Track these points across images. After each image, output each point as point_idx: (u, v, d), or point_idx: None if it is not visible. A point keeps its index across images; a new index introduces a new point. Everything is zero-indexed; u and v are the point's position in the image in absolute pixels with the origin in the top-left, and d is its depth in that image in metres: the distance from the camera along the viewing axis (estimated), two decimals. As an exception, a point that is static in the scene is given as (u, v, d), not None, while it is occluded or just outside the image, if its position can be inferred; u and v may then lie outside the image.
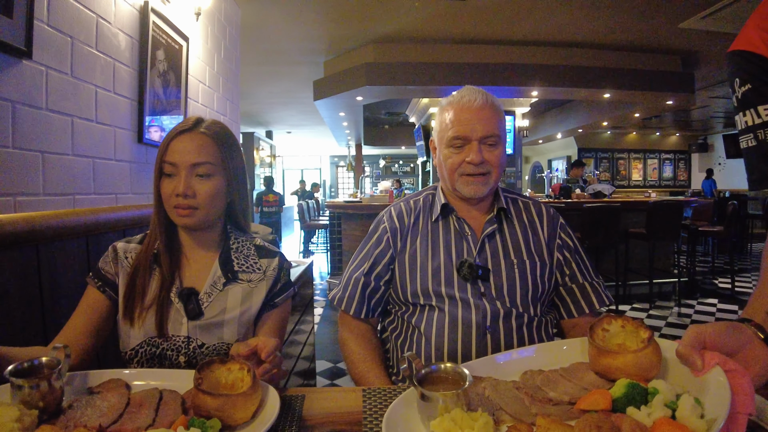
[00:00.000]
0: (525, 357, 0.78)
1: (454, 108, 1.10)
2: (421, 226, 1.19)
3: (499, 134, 1.09)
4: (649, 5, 4.17)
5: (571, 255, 1.17)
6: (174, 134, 0.99)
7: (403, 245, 1.18)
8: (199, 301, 0.99)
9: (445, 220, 1.17)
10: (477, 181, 1.09)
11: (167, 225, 1.01)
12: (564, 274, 1.16)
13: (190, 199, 0.96)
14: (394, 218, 1.21)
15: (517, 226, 1.18)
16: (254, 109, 8.90)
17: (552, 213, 1.22)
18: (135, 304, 0.97)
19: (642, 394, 0.59)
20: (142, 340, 0.96)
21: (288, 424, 0.67)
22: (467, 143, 1.08)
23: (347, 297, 1.18)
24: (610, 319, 0.73)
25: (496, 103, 1.11)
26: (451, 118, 1.10)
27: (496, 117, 1.10)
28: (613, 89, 5.69)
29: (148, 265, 1.00)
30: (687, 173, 12.35)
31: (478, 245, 1.13)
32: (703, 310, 4.30)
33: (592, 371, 0.69)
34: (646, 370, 0.64)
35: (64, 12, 1.50)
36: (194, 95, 2.64)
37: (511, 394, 0.66)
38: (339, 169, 17.43)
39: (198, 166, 0.97)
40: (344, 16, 4.46)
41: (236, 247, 1.07)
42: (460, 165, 1.09)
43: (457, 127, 1.08)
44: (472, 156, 1.07)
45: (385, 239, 1.18)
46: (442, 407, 0.60)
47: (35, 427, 0.60)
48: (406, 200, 1.26)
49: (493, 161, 1.09)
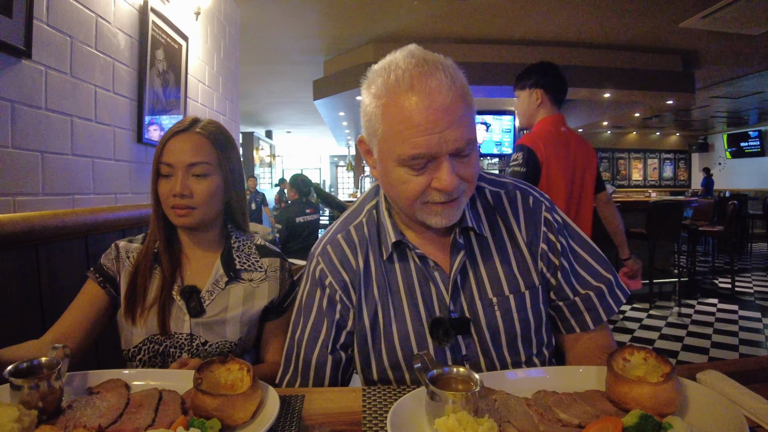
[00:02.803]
0: (539, 377, 0.76)
1: (402, 100, 0.71)
2: (373, 269, 0.87)
3: (474, 137, 0.74)
4: (649, 5, 4.17)
5: (559, 263, 0.88)
6: (170, 135, 0.99)
7: (358, 303, 0.86)
8: (201, 299, 0.99)
9: (400, 256, 0.87)
10: (448, 209, 0.77)
11: (166, 225, 1.02)
12: (549, 285, 0.89)
13: (187, 199, 0.96)
14: (336, 266, 0.87)
15: (491, 241, 0.87)
16: (254, 108, 8.90)
17: (532, 204, 0.90)
18: (137, 303, 0.97)
19: (655, 427, 0.57)
20: (144, 338, 0.97)
21: (288, 424, 0.67)
22: (432, 160, 0.73)
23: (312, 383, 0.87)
24: (633, 350, 0.71)
25: (463, 81, 0.75)
26: (402, 119, 0.71)
27: (470, 110, 0.74)
28: (614, 89, 5.68)
29: (149, 264, 1.01)
30: (687, 173, 12.35)
31: (450, 287, 0.84)
32: (703, 310, 4.29)
33: (607, 399, 0.68)
34: (663, 404, 0.62)
35: (63, 12, 1.50)
36: (194, 95, 2.64)
37: (521, 409, 0.66)
38: (339, 168, 17.44)
39: (194, 166, 0.97)
40: (344, 16, 4.46)
41: (237, 246, 1.07)
42: (425, 190, 0.75)
43: (417, 138, 0.70)
44: (444, 181, 0.72)
45: (339, 299, 0.87)
46: (450, 408, 0.60)
47: (35, 427, 0.60)
48: (344, 229, 0.91)
49: (468, 177, 0.76)
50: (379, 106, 0.74)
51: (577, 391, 0.71)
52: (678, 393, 0.64)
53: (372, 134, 0.78)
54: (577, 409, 0.66)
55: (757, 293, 4.95)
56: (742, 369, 0.80)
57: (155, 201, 1.00)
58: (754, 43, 4.77)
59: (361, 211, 0.93)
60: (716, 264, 6.45)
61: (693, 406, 0.65)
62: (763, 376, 0.79)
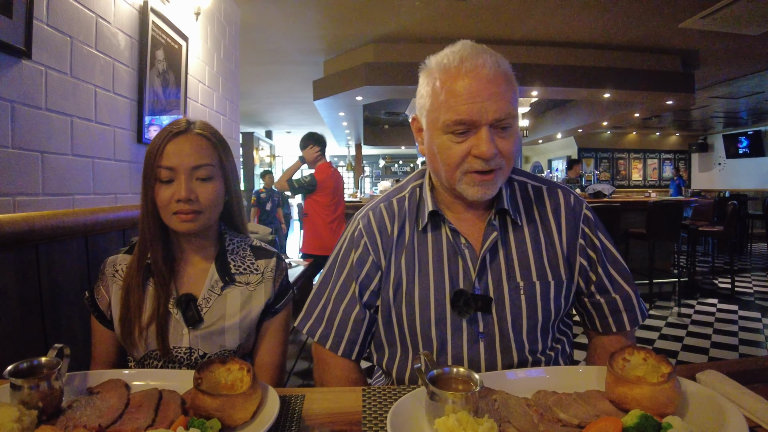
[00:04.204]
0: (539, 377, 0.77)
1: (452, 75, 0.81)
2: (407, 237, 0.93)
3: (515, 114, 0.82)
4: (649, 5, 4.16)
5: (597, 257, 0.92)
6: (167, 137, 0.94)
7: (387, 267, 0.93)
8: (198, 306, 0.96)
9: (434, 228, 0.93)
10: (485, 181, 0.83)
11: (163, 234, 0.97)
12: (589, 281, 0.93)
13: (193, 203, 0.92)
14: (374, 229, 0.94)
15: (525, 230, 0.92)
16: (254, 108, 8.90)
17: (573, 203, 0.95)
18: (133, 324, 0.93)
19: (655, 427, 0.57)
20: (144, 354, 0.95)
21: (288, 424, 0.67)
22: (474, 128, 0.81)
23: (334, 334, 0.93)
24: (633, 350, 0.71)
25: (508, 68, 0.84)
26: (449, 90, 0.81)
27: (511, 89, 0.82)
28: (613, 89, 5.68)
29: (141, 279, 0.96)
30: (687, 173, 12.35)
31: (477, 265, 0.88)
32: (703, 310, 4.29)
33: (607, 399, 0.68)
34: (663, 405, 0.62)
35: (63, 12, 1.50)
36: (194, 95, 2.64)
37: (521, 409, 0.66)
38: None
39: (198, 168, 0.94)
40: (344, 16, 4.45)
41: (232, 248, 1.04)
42: (464, 159, 0.82)
43: (461, 106, 0.79)
44: (482, 148, 0.79)
45: (370, 260, 0.93)
46: (450, 408, 0.60)
47: (35, 427, 0.60)
48: (387, 200, 0.98)
49: (506, 152, 0.83)
50: (431, 83, 0.85)
51: (577, 391, 0.71)
52: (678, 393, 0.64)
53: (422, 109, 0.88)
54: (577, 409, 0.66)
55: (756, 293, 4.95)
56: (742, 369, 0.80)
57: (150, 209, 0.95)
58: (753, 43, 4.77)
59: (406, 188, 1.00)
60: (716, 264, 6.45)
61: (693, 406, 0.65)
62: (763, 376, 0.79)
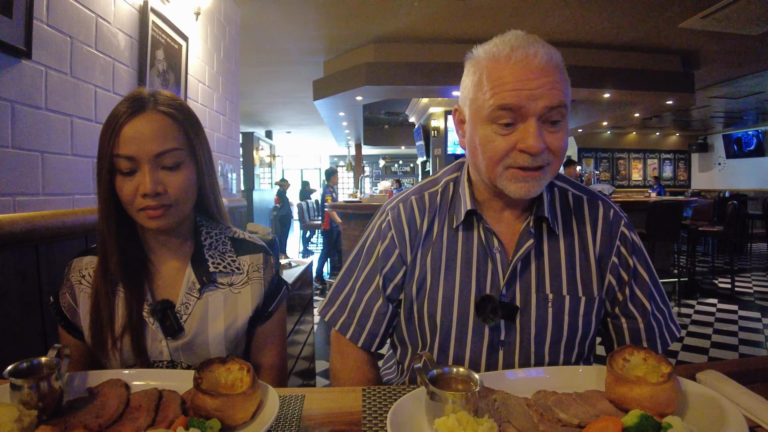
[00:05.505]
0: (539, 377, 0.77)
1: (500, 63, 0.74)
2: (435, 233, 0.88)
3: (566, 104, 0.76)
4: (649, 5, 4.16)
5: (629, 276, 0.86)
6: (123, 117, 0.76)
7: (413, 262, 0.89)
8: (177, 313, 0.84)
9: (466, 228, 0.87)
10: (531, 178, 0.76)
11: (120, 233, 0.83)
12: (615, 301, 0.88)
13: (161, 197, 0.78)
14: (403, 222, 0.90)
15: (561, 240, 0.86)
16: (254, 108, 8.90)
17: (612, 217, 0.88)
18: (105, 334, 0.81)
19: (654, 427, 0.57)
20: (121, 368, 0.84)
21: (288, 424, 0.67)
22: (521, 119, 0.74)
23: (356, 324, 0.90)
24: (633, 350, 0.71)
25: (560, 60, 0.77)
26: (496, 77, 0.74)
27: (564, 81, 0.76)
28: (613, 89, 5.68)
29: (110, 284, 0.83)
30: (687, 173, 12.35)
31: (508, 271, 0.83)
32: (702, 310, 4.29)
33: (607, 399, 0.68)
34: (663, 404, 0.62)
35: (63, 12, 1.50)
36: (194, 95, 2.64)
37: (521, 409, 0.66)
38: (339, 168, 17.45)
39: (163, 155, 0.78)
40: (344, 16, 4.45)
41: (209, 243, 0.90)
42: (509, 153, 0.76)
43: (507, 92, 0.72)
44: (530, 141, 0.73)
45: (396, 254, 0.89)
46: (450, 408, 0.60)
47: (34, 427, 0.60)
48: (419, 192, 0.93)
49: (556, 147, 0.76)
50: (477, 72, 0.78)
51: (577, 391, 0.71)
52: (678, 393, 0.64)
53: (465, 99, 0.82)
54: (577, 409, 0.66)
55: (756, 293, 4.95)
56: (742, 369, 0.80)
57: (107, 206, 0.81)
58: (753, 43, 4.77)
59: (440, 182, 0.94)
60: (716, 264, 6.44)
61: (693, 406, 0.65)
62: (763, 376, 0.79)
